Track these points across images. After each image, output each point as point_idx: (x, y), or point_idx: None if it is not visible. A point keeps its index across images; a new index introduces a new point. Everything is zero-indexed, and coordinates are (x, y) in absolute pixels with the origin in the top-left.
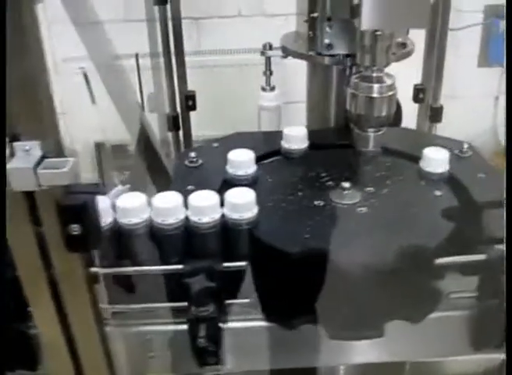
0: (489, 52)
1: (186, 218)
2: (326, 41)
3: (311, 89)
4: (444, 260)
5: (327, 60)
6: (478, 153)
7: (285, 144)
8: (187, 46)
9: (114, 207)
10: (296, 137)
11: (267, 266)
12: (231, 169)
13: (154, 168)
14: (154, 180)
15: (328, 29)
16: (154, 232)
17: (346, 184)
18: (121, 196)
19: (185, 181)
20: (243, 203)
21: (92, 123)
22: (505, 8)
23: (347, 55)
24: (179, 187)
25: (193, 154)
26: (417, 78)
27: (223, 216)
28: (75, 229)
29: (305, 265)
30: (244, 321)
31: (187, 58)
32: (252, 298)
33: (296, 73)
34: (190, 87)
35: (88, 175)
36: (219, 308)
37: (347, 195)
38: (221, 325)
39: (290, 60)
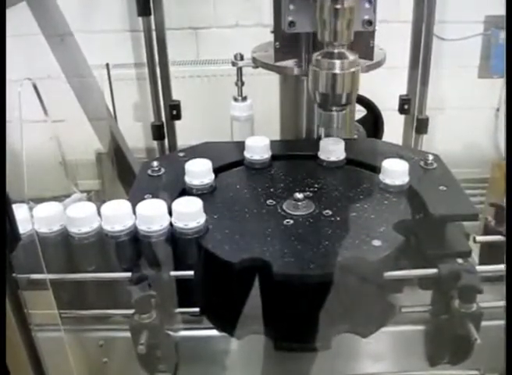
0: (490, 63)
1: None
2: (289, 18)
3: (283, 99)
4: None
5: (296, 71)
6: (444, 165)
7: (247, 155)
8: (186, 56)
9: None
10: (258, 148)
11: (212, 275)
12: (188, 179)
13: (125, 176)
14: (126, 189)
15: (291, 6)
16: (104, 240)
17: (300, 195)
18: (71, 206)
19: (144, 190)
20: (188, 212)
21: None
22: (505, 13)
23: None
24: (136, 195)
25: (155, 163)
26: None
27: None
28: None
29: (245, 275)
30: (195, 330)
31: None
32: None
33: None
34: (179, 96)
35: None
36: (166, 316)
37: (301, 206)
38: (170, 333)
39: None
